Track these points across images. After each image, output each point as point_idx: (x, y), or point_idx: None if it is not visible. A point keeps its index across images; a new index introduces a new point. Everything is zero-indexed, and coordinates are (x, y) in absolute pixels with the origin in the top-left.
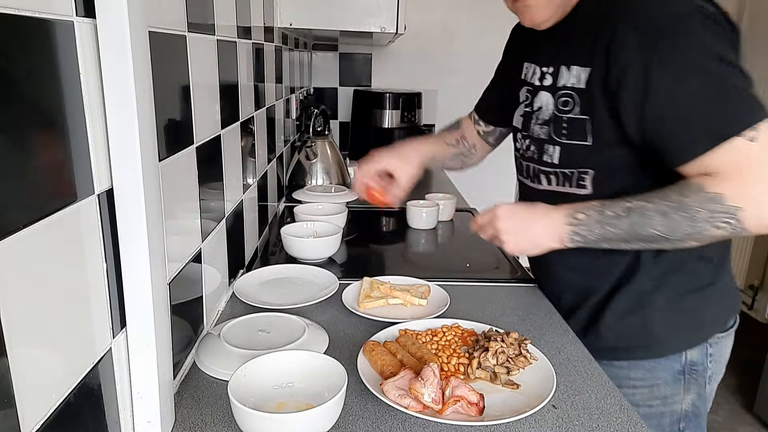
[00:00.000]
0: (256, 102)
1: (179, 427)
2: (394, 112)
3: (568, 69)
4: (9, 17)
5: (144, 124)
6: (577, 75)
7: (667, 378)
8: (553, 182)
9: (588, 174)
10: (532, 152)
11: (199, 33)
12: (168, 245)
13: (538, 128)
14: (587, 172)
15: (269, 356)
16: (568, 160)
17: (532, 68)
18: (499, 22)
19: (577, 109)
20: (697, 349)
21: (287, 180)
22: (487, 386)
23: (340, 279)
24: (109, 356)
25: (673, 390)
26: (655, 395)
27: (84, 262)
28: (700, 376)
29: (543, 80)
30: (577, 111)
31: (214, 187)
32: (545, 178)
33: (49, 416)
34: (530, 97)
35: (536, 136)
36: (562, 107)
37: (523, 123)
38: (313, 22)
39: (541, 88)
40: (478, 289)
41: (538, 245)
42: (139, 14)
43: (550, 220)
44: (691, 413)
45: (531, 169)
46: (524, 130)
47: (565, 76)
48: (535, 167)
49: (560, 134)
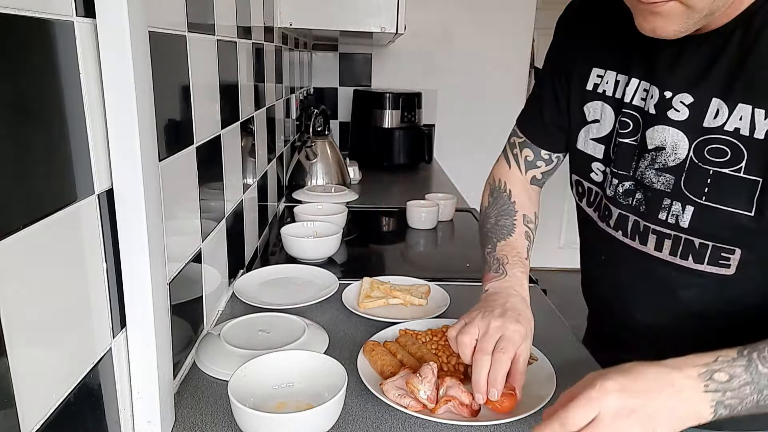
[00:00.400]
0: (256, 102)
1: (179, 427)
2: (394, 112)
3: (730, 107)
4: (9, 17)
5: (144, 124)
6: (748, 119)
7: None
8: (668, 249)
9: (734, 253)
10: (638, 202)
11: (199, 33)
12: (168, 245)
13: (652, 174)
14: (733, 251)
15: (269, 356)
16: (707, 229)
17: (634, 84)
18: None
19: (740, 166)
20: None
21: (287, 180)
22: None
23: (340, 279)
24: (109, 356)
25: None
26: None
27: (84, 262)
28: None
29: (667, 110)
30: (740, 168)
31: (214, 187)
32: (656, 241)
33: (49, 416)
34: (632, 124)
35: (647, 183)
36: (710, 157)
37: (620, 159)
38: (313, 22)
39: (665, 120)
40: (478, 289)
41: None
42: (139, 14)
43: (677, 390)
44: None
45: (631, 222)
46: (621, 168)
47: (721, 116)
48: (642, 224)
49: (698, 192)
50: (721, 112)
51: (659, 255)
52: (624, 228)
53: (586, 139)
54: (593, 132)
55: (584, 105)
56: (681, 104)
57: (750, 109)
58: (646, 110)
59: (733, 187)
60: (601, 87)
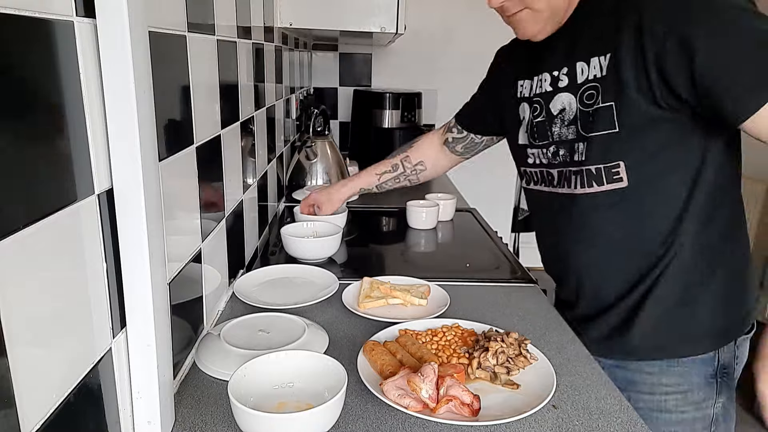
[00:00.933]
0: (256, 102)
1: (179, 427)
2: (394, 112)
3: (587, 63)
4: (9, 17)
5: (144, 124)
6: (597, 65)
7: (700, 382)
8: (579, 183)
9: (619, 166)
10: (564, 156)
11: (199, 33)
12: (168, 245)
13: (565, 130)
14: (618, 165)
15: (269, 356)
16: (596, 155)
17: (537, 79)
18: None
19: (599, 99)
20: (727, 351)
21: (287, 180)
22: (487, 386)
23: (340, 279)
24: (109, 356)
25: (705, 394)
26: (689, 401)
27: (84, 262)
28: (730, 378)
29: (558, 83)
30: (599, 100)
31: (214, 187)
32: (574, 181)
33: (49, 416)
34: (540, 107)
35: (564, 138)
36: (587, 101)
37: (538, 133)
38: (313, 22)
39: (558, 90)
40: (478, 289)
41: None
42: (139, 14)
43: None
44: (722, 416)
45: (564, 173)
46: (542, 139)
47: (584, 71)
48: (569, 170)
49: (588, 129)
50: (584, 69)
51: (576, 191)
52: (566, 182)
53: (523, 134)
54: (524, 127)
55: (516, 109)
56: (563, 75)
57: (597, 59)
58: (544, 92)
59: (600, 115)
60: (521, 92)
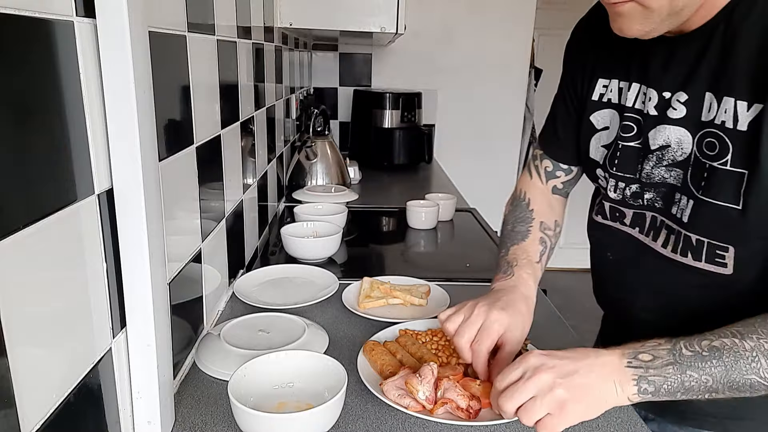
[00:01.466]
0: (256, 102)
1: (179, 427)
2: (394, 112)
3: (718, 100)
4: (9, 17)
5: (144, 124)
6: (731, 111)
7: None
8: (671, 245)
9: (727, 251)
10: (650, 201)
11: (199, 33)
12: (168, 245)
13: (663, 171)
14: (727, 249)
15: (269, 356)
16: (703, 224)
17: (636, 89)
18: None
19: (726, 159)
20: None
21: (287, 180)
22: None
23: (340, 279)
24: (109, 356)
25: None
26: None
27: (84, 262)
28: None
29: (667, 111)
30: (726, 161)
31: (214, 187)
32: (665, 237)
33: (49, 416)
34: (639, 128)
35: (658, 180)
36: (707, 151)
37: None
38: (313, 22)
39: (665, 121)
40: (478, 289)
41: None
42: (139, 14)
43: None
44: None
45: (649, 219)
46: (625, 170)
47: (713, 109)
48: (659, 219)
49: (697, 186)
50: (712, 106)
51: (664, 252)
52: (641, 225)
53: (597, 146)
54: (603, 139)
55: (591, 115)
56: (678, 102)
57: (733, 101)
58: (646, 112)
59: (722, 180)
60: (606, 96)
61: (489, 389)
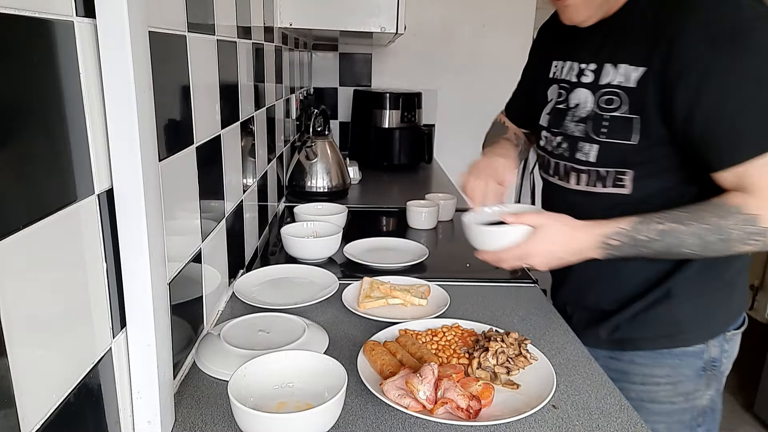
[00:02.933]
0: (256, 102)
1: (179, 427)
2: (394, 112)
3: (614, 66)
4: (9, 17)
5: (144, 124)
6: (626, 73)
7: (690, 374)
8: (584, 181)
9: (627, 174)
10: (564, 149)
11: (199, 33)
12: (168, 245)
13: (573, 125)
14: (626, 173)
15: (269, 356)
16: (606, 159)
17: (568, 65)
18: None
19: (624, 108)
20: (717, 345)
21: (287, 180)
22: None
23: (340, 279)
24: (109, 356)
25: (695, 386)
26: (679, 392)
27: (84, 262)
28: (719, 371)
29: (581, 77)
30: (624, 110)
31: (214, 187)
32: (575, 177)
33: (49, 416)
34: (564, 94)
35: (570, 133)
36: (605, 105)
37: (553, 120)
38: (313, 22)
39: (579, 84)
40: (478, 289)
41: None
42: (139, 14)
43: (582, 247)
44: (709, 409)
45: (561, 167)
46: (554, 127)
47: (610, 74)
48: (565, 165)
49: (599, 132)
50: (611, 72)
51: (579, 187)
52: (558, 172)
53: (543, 114)
54: (549, 108)
55: (546, 89)
56: (589, 71)
57: (626, 66)
58: (568, 80)
59: (620, 124)
60: (555, 74)
61: (489, 389)
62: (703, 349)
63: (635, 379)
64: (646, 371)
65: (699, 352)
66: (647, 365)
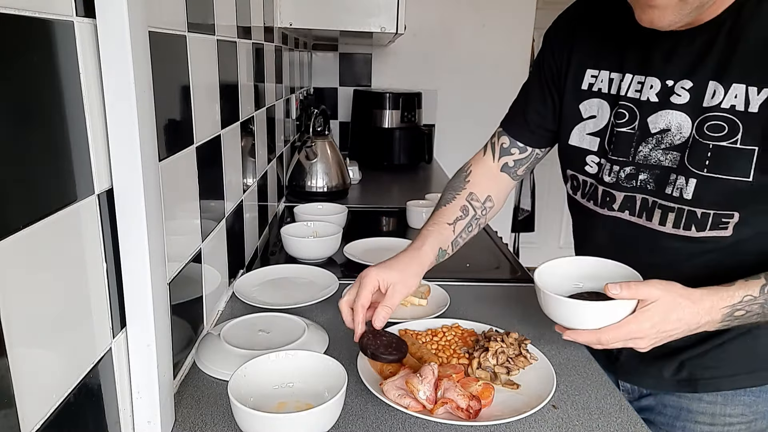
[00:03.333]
0: (256, 102)
1: (179, 427)
2: (394, 112)
3: (725, 87)
4: (9, 17)
5: (144, 124)
6: (743, 96)
7: (766, 411)
8: (671, 222)
9: (732, 217)
10: (643, 182)
11: (199, 33)
12: (168, 245)
13: (659, 154)
14: (732, 215)
15: (269, 356)
16: (707, 196)
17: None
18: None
19: (737, 138)
20: None
21: (287, 180)
22: None
23: (340, 279)
24: (109, 356)
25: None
26: (752, 430)
27: (84, 262)
28: None
29: (670, 97)
30: (737, 140)
31: (214, 187)
32: (660, 216)
33: (49, 416)
34: (633, 115)
35: (654, 162)
36: (710, 132)
37: (617, 146)
38: (313, 22)
39: (668, 106)
40: (478, 289)
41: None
42: (139, 14)
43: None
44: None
45: (640, 201)
46: (619, 155)
47: (718, 95)
48: (650, 200)
49: (701, 165)
50: (717, 92)
51: (662, 229)
52: (631, 208)
53: (581, 134)
54: (590, 127)
55: (580, 104)
56: (682, 89)
57: (743, 87)
58: (643, 100)
59: (731, 157)
60: (596, 86)
61: (489, 389)
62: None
63: (702, 419)
64: (716, 410)
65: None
66: (718, 403)
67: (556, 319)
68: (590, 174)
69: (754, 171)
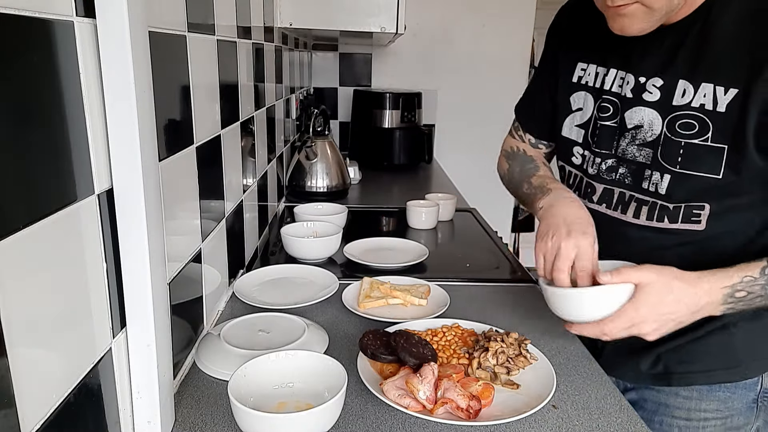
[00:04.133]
0: (256, 102)
1: (179, 427)
2: (394, 112)
3: (695, 87)
4: (9, 17)
5: (144, 124)
6: (711, 95)
7: (741, 407)
8: (645, 215)
9: (703, 209)
10: (622, 176)
11: (199, 33)
12: (168, 245)
13: (634, 150)
14: (703, 207)
15: (269, 356)
16: (680, 192)
17: (614, 74)
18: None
19: (707, 136)
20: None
21: (287, 180)
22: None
23: (340, 279)
24: (109, 356)
25: (745, 420)
26: (728, 427)
27: (84, 262)
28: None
29: (642, 94)
30: (707, 138)
31: (214, 187)
32: (635, 209)
33: (49, 416)
34: (616, 109)
35: (630, 158)
36: (681, 130)
37: (601, 139)
38: (313, 22)
39: (640, 103)
40: (478, 289)
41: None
42: (139, 14)
43: (702, 304)
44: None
45: (617, 195)
46: (602, 147)
47: (688, 94)
48: (627, 194)
49: (673, 161)
50: (687, 91)
51: (636, 221)
52: (609, 200)
53: (570, 126)
54: (577, 119)
55: (570, 96)
56: (653, 87)
57: (711, 87)
58: (623, 95)
59: (702, 154)
60: (584, 79)
61: (489, 389)
62: (756, 381)
63: (679, 413)
64: (692, 405)
65: (752, 384)
66: (693, 398)
67: (560, 314)
68: (576, 165)
69: (724, 168)
